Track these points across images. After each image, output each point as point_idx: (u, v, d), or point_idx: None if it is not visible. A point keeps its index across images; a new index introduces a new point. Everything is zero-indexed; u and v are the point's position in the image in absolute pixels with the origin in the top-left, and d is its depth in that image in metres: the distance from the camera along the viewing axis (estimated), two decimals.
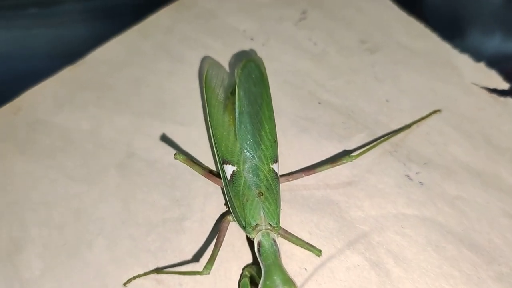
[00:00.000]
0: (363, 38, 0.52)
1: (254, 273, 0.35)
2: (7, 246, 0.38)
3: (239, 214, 0.36)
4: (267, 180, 0.38)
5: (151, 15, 0.54)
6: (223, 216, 0.40)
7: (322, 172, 0.42)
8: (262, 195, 0.36)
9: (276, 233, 0.36)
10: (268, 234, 0.35)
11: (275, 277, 0.32)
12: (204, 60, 0.50)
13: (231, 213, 0.38)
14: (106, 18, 0.57)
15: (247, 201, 0.36)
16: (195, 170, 0.39)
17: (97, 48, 0.51)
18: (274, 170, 0.38)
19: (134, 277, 0.36)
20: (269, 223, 0.36)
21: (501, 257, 0.38)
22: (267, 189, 0.37)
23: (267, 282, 0.32)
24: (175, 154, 0.38)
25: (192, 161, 0.39)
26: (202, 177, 0.40)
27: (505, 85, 0.48)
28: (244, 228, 0.36)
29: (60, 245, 0.38)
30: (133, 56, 0.50)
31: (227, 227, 0.37)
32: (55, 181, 0.41)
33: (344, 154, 0.43)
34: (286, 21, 0.54)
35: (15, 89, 0.47)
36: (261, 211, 0.36)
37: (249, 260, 0.38)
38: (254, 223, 0.35)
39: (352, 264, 0.38)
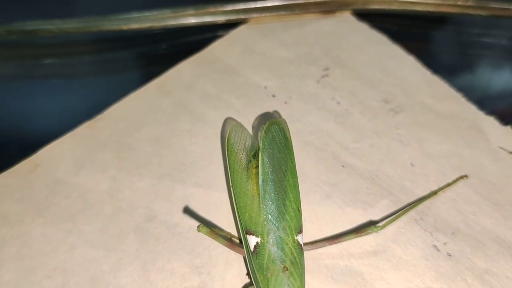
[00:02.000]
0: (387, 98, 0.51)
1: None
2: None
3: None
4: (292, 253, 0.36)
5: (171, 68, 0.54)
6: (245, 287, 0.38)
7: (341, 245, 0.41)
8: (287, 269, 0.35)
9: None
10: None
11: None
12: (226, 121, 0.49)
13: (253, 285, 0.37)
14: (124, 70, 0.57)
15: (271, 276, 0.35)
16: (218, 242, 0.38)
17: (115, 103, 0.51)
18: (298, 242, 0.37)
19: None
20: None
21: None
22: (292, 263, 0.36)
23: None
24: (198, 227, 0.37)
25: (215, 233, 0.38)
26: (222, 249, 0.39)
27: None
28: None
29: None
30: (153, 114, 0.50)
31: None
32: (73, 247, 0.41)
33: (369, 223, 0.42)
34: (309, 78, 0.53)
35: (32, 146, 0.47)
36: (286, 287, 0.35)
37: None
38: None
39: None
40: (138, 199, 0.44)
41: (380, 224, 0.39)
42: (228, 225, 0.42)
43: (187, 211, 0.43)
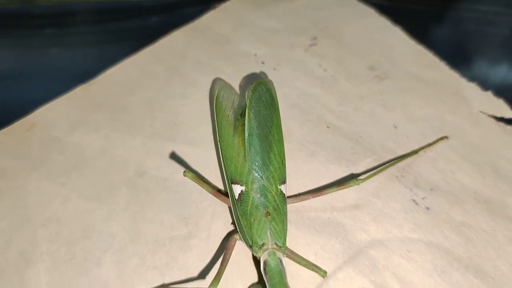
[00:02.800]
0: (372, 66, 0.53)
1: None
2: (16, 261, 0.39)
3: (246, 233, 0.37)
4: (275, 200, 0.38)
5: (164, 37, 0.56)
6: (230, 235, 0.40)
7: (329, 194, 0.42)
8: (270, 215, 0.37)
9: (283, 253, 0.36)
10: (274, 253, 0.35)
11: None
12: (216, 82, 0.51)
13: (238, 232, 0.38)
14: (118, 40, 0.59)
15: (254, 220, 0.37)
16: (204, 188, 0.40)
17: (109, 69, 0.52)
18: (281, 191, 0.39)
19: None
20: (276, 243, 0.36)
21: (506, 284, 0.38)
22: (275, 209, 0.38)
23: None
24: (184, 172, 0.39)
25: (201, 179, 0.40)
26: (210, 196, 0.41)
27: (511, 114, 0.48)
28: (250, 247, 0.36)
29: (67, 261, 0.39)
30: (146, 79, 0.52)
31: (234, 245, 0.38)
32: (67, 199, 0.42)
33: (351, 177, 0.44)
34: (297, 47, 0.55)
35: (29, 106, 0.49)
36: (268, 231, 0.36)
37: (255, 279, 0.38)
38: (260, 242, 0.36)
39: (357, 286, 0.38)
40: (130, 156, 0.45)
41: (362, 177, 0.41)
42: (215, 179, 0.44)
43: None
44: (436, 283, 0.38)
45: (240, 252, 0.39)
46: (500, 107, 0.49)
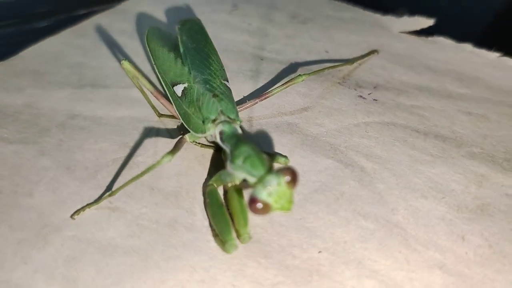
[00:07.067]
0: (293, 15, 0.56)
1: (217, 178, 0.32)
2: None
3: (195, 117, 0.34)
4: (220, 88, 0.36)
5: (85, 19, 0.54)
6: (178, 140, 0.36)
7: (276, 102, 0.41)
8: (217, 96, 0.35)
9: (237, 125, 0.33)
10: (229, 123, 0.32)
11: (243, 147, 0.29)
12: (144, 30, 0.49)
13: (186, 127, 0.35)
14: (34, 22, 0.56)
15: (202, 104, 0.34)
16: (141, 83, 0.36)
17: (29, 46, 0.50)
18: (226, 85, 0.37)
19: (83, 208, 0.32)
20: (228, 116, 0.33)
21: (468, 141, 0.38)
22: (221, 93, 0.35)
23: (235, 153, 0.29)
24: (121, 62, 0.35)
25: (139, 72, 0.36)
26: (153, 122, 0.38)
27: (429, 22, 0.51)
28: (203, 132, 0.33)
29: None
30: (71, 49, 0.49)
31: (183, 145, 0.34)
32: None
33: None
34: (220, 13, 0.56)
35: None
36: (218, 108, 0.34)
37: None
38: (212, 117, 0.33)
39: (323, 167, 0.35)
40: (58, 105, 0.41)
41: (304, 74, 0.39)
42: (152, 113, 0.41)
43: (112, 106, 0.41)
44: (400, 150, 0.37)
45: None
46: (417, 24, 0.52)
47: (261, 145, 0.36)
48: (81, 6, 0.58)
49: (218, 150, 0.37)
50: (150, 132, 0.39)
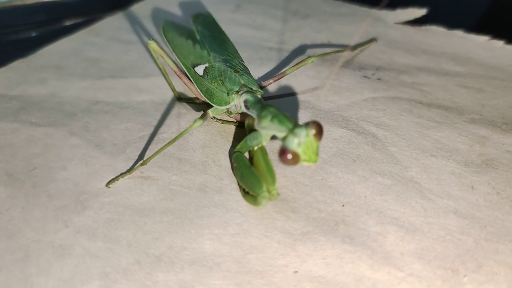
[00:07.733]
0: (294, 12, 0.59)
1: (243, 144, 0.34)
2: None
3: (219, 91, 0.36)
4: (240, 65, 0.39)
5: (97, 22, 0.57)
6: (200, 117, 0.38)
7: (287, 84, 0.44)
8: (238, 72, 0.37)
9: (260, 95, 0.36)
10: (252, 93, 0.35)
11: (269, 109, 0.32)
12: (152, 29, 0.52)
13: (206, 114, 0.37)
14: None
15: (225, 78, 0.37)
16: (166, 63, 0.39)
17: (47, 46, 0.52)
18: (244, 64, 0.40)
19: (117, 178, 0.34)
20: (250, 88, 0.36)
21: (468, 109, 0.41)
22: (241, 69, 0.38)
23: (262, 114, 0.31)
24: (148, 42, 0.38)
25: (166, 54, 0.39)
26: (174, 102, 0.40)
27: (421, 12, 0.55)
28: (227, 100, 0.36)
29: (29, 172, 0.35)
30: (87, 46, 0.52)
31: (208, 118, 0.37)
32: (16, 130, 0.39)
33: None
34: (224, 11, 0.59)
35: None
36: (241, 81, 0.36)
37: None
38: (236, 88, 0.36)
39: (338, 135, 0.38)
40: (81, 94, 0.43)
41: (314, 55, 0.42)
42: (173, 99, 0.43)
43: (133, 93, 0.44)
44: (407, 119, 0.40)
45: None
46: (411, 14, 0.56)
47: None
48: (91, 12, 0.61)
49: (238, 126, 0.39)
50: (171, 113, 0.41)
